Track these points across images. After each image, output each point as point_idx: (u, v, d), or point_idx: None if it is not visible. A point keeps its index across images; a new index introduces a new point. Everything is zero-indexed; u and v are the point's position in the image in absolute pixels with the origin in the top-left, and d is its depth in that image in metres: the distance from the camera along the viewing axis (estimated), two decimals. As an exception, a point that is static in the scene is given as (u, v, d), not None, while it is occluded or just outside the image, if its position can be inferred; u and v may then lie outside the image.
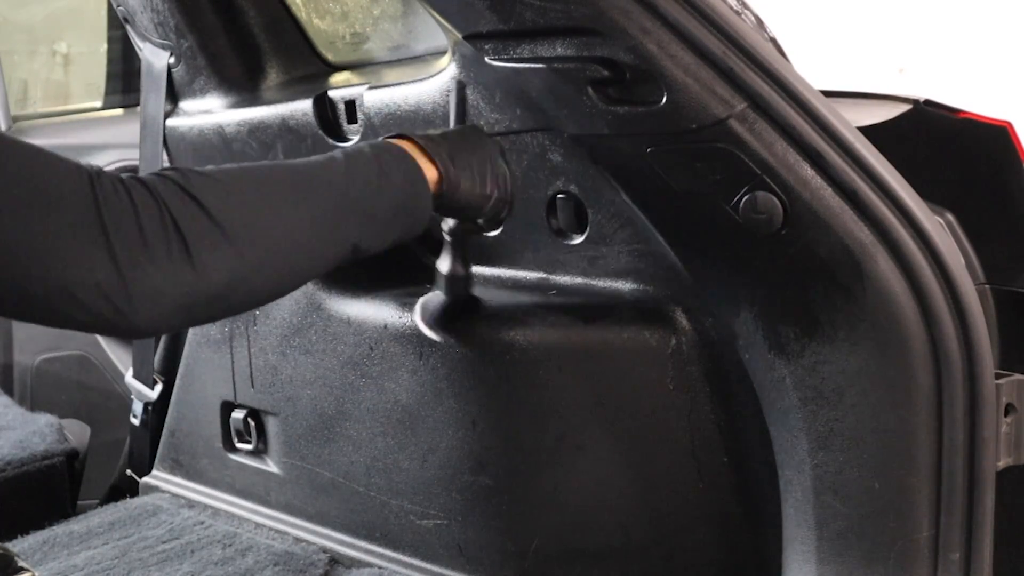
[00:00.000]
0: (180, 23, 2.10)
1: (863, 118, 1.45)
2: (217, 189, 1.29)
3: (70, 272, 1.18)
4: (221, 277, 1.26)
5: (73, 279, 1.18)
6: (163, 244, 1.22)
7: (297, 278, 1.39)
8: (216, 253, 1.25)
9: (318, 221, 1.35)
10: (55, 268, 1.18)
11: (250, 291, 1.32)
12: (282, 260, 1.33)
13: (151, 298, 1.22)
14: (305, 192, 1.35)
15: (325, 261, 1.39)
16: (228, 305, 1.33)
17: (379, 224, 1.41)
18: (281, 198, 1.34)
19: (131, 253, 1.20)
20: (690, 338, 1.58)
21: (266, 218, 1.31)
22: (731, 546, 1.62)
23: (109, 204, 1.20)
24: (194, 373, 2.20)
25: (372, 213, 1.39)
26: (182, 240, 1.23)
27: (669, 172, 1.40)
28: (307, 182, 1.36)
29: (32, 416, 2.63)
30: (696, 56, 1.30)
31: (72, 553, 2.04)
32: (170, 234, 1.22)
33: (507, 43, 1.44)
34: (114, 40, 3.65)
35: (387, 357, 1.81)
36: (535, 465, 1.70)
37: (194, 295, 1.25)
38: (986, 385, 1.33)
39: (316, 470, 1.98)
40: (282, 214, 1.32)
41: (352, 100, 1.91)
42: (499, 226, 1.68)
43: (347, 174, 1.38)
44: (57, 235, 1.18)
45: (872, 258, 1.31)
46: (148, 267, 1.21)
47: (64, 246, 1.18)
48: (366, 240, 1.39)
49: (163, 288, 1.22)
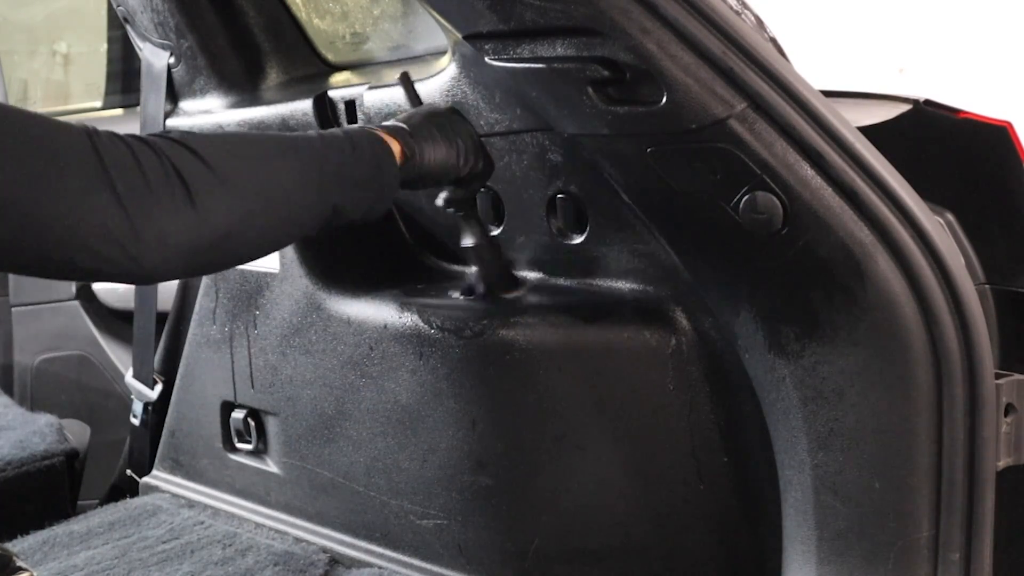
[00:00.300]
0: (180, 23, 2.10)
1: (863, 118, 1.45)
2: (212, 143, 1.38)
3: (78, 218, 1.22)
4: (221, 220, 1.32)
5: (82, 225, 1.22)
6: (166, 188, 1.27)
7: (289, 230, 1.47)
8: (216, 197, 1.32)
9: (304, 179, 1.44)
10: (63, 216, 1.21)
11: (247, 238, 1.39)
12: (274, 209, 1.41)
13: (159, 240, 1.27)
14: (291, 154, 1.45)
15: (311, 218, 1.47)
16: (228, 250, 1.39)
17: (355, 189, 1.50)
18: (272, 155, 1.43)
19: (137, 198, 1.25)
20: (690, 338, 1.58)
21: (259, 171, 1.40)
22: (731, 546, 1.62)
23: (109, 153, 1.25)
24: (194, 373, 2.20)
25: (348, 179, 1.49)
26: (183, 185, 1.28)
27: (669, 172, 1.40)
28: (291, 146, 1.47)
29: (32, 416, 2.63)
30: (696, 56, 1.30)
31: (72, 553, 2.04)
32: (172, 179, 1.28)
33: (507, 43, 1.44)
34: (114, 40, 3.65)
35: (387, 357, 1.81)
36: (535, 465, 1.71)
37: (198, 238, 1.30)
38: (986, 385, 1.33)
39: (316, 470, 1.98)
40: (273, 169, 1.41)
41: (352, 100, 1.91)
42: (483, 181, 1.71)
43: (324, 145, 1.48)
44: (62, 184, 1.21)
45: (872, 258, 1.31)
46: (154, 209, 1.26)
47: (70, 194, 1.22)
48: (344, 203, 1.48)
49: (169, 230, 1.27)
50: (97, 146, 1.25)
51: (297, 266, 1.94)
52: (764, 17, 1.45)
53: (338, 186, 1.48)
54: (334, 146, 1.49)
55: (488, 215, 1.79)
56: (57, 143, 1.24)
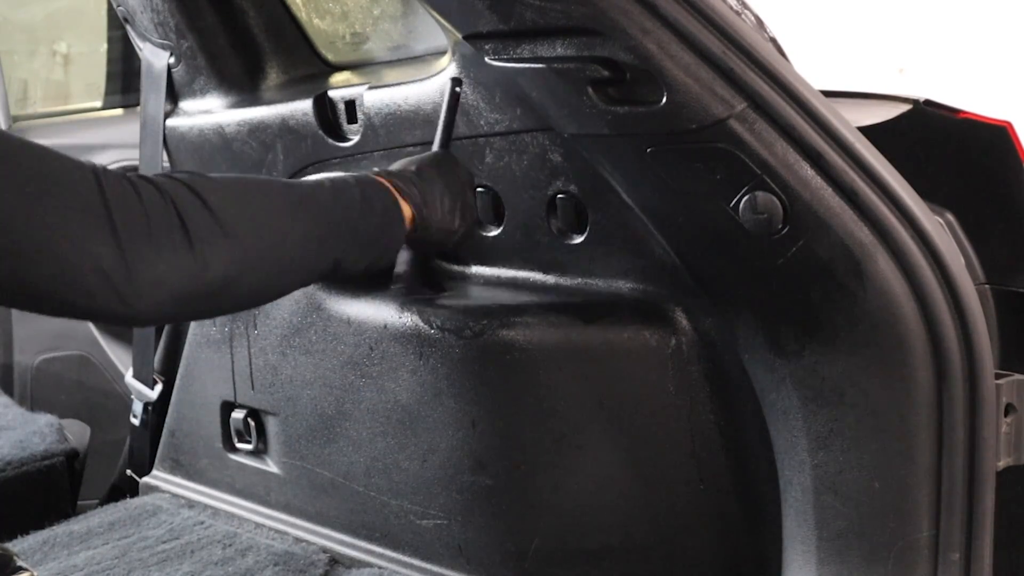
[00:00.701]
0: (180, 23, 2.10)
1: (863, 118, 1.45)
2: (220, 189, 1.35)
3: (76, 257, 1.21)
4: (219, 270, 1.31)
5: (78, 264, 1.22)
6: (166, 233, 1.26)
7: (286, 283, 1.47)
8: (216, 247, 1.30)
9: (308, 233, 1.44)
10: (62, 253, 1.21)
11: (242, 290, 1.38)
12: (274, 263, 1.41)
13: (152, 286, 1.25)
14: (298, 205, 1.44)
15: (310, 272, 1.48)
16: (222, 300, 1.38)
17: (359, 245, 1.51)
18: (277, 206, 1.42)
19: (135, 241, 1.24)
20: (690, 338, 1.58)
21: (263, 222, 1.38)
22: (731, 546, 1.62)
23: (114, 193, 1.25)
24: (194, 373, 2.20)
25: (353, 235, 1.49)
26: (184, 231, 1.27)
27: (669, 172, 1.40)
28: (300, 197, 1.45)
29: (32, 416, 2.63)
30: (696, 56, 1.30)
31: (72, 553, 2.04)
32: (173, 224, 1.27)
33: (507, 43, 1.44)
34: (114, 40, 3.65)
35: (387, 357, 1.81)
36: (535, 465, 1.70)
37: (193, 286, 1.29)
38: (986, 385, 1.33)
39: (316, 470, 1.98)
40: (277, 221, 1.40)
41: (352, 100, 1.91)
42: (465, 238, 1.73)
43: (334, 197, 1.47)
44: (64, 221, 1.21)
45: (872, 258, 1.31)
46: (151, 255, 1.25)
47: (71, 232, 1.21)
48: (346, 258, 1.49)
49: (165, 277, 1.26)
50: (103, 187, 1.25)
51: (297, 266, 1.93)
52: (764, 17, 1.45)
53: (343, 241, 1.47)
54: (343, 200, 1.48)
55: (488, 215, 1.79)
56: (65, 181, 1.23)
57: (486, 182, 1.75)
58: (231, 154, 2.13)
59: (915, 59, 4.72)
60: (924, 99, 1.49)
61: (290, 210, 1.43)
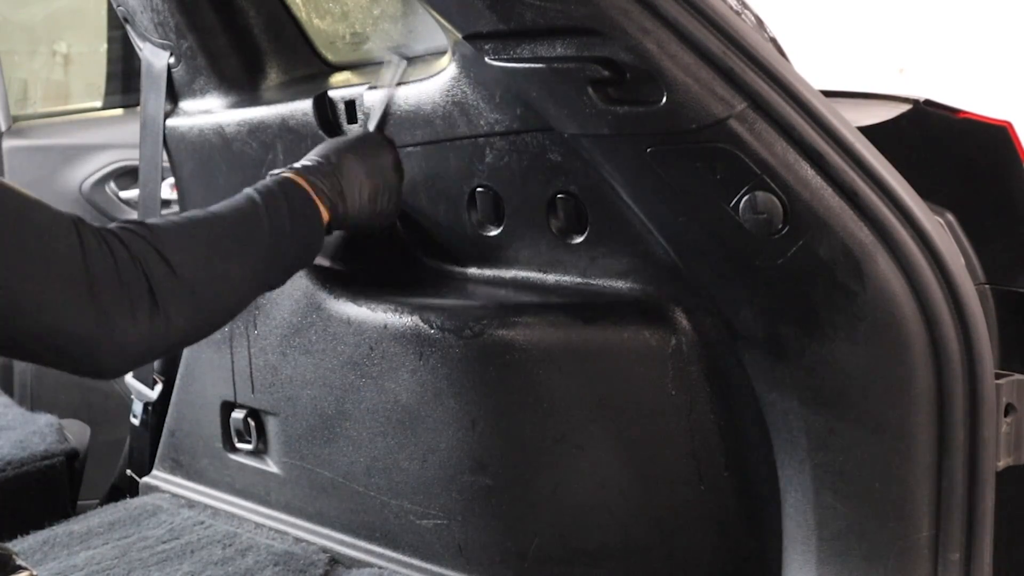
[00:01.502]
0: (180, 23, 2.10)
1: (863, 118, 1.45)
2: (178, 243, 1.45)
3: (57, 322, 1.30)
4: (182, 326, 1.42)
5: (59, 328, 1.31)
6: (138, 300, 1.36)
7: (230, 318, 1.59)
8: (180, 306, 1.41)
9: (251, 272, 1.55)
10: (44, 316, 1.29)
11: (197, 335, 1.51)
12: (224, 308, 1.53)
13: (122, 348, 1.36)
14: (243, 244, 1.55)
15: (248, 302, 1.61)
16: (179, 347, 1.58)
17: (288, 267, 1.63)
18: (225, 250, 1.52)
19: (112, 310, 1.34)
20: (690, 338, 1.58)
21: (216, 271, 1.50)
22: (731, 546, 1.62)
23: (94, 258, 1.33)
24: (194, 373, 2.20)
25: (284, 257, 1.60)
26: (152, 295, 1.37)
27: (669, 172, 1.40)
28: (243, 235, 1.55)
29: (32, 416, 2.63)
30: (696, 56, 1.30)
31: (72, 553, 2.04)
32: (143, 289, 1.37)
33: (507, 43, 1.44)
34: (114, 40, 3.65)
35: (387, 357, 1.81)
36: (535, 465, 1.70)
37: (158, 344, 1.41)
38: (986, 385, 1.33)
39: (316, 470, 1.98)
40: (226, 264, 1.51)
41: (352, 100, 1.91)
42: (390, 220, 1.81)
43: (270, 224, 1.57)
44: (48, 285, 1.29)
45: (872, 258, 1.31)
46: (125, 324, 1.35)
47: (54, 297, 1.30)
48: (277, 281, 1.63)
49: (134, 340, 1.36)
50: (85, 248, 1.32)
51: (297, 266, 1.94)
52: (764, 17, 1.45)
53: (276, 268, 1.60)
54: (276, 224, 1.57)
55: (488, 215, 1.79)
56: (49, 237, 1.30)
57: (486, 182, 1.75)
58: (231, 154, 2.13)
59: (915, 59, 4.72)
60: (924, 99, 1.49)
61: (237, 251, 1.53)
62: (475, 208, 1.81)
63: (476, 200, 1.79)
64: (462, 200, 1.82)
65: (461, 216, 1.84)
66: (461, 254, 1.89)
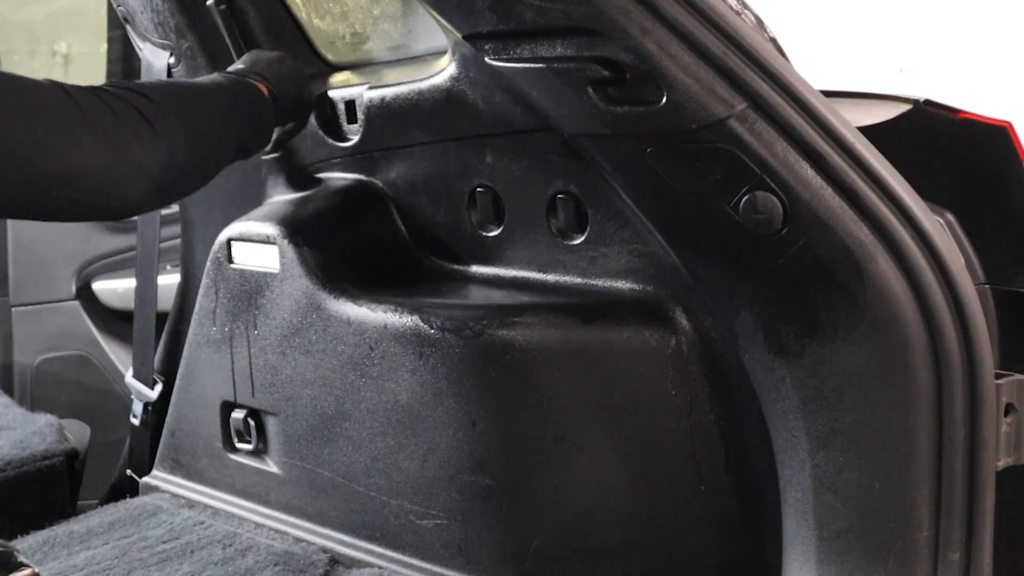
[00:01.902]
0: (180, 23, 2.10)
1: (863, 118, 1.45)
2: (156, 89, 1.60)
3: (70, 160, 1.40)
4: (180, 150, 1.54)
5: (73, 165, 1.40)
6: (134, 126, 1.46)
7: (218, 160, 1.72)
8: (173, 131, 1.53)
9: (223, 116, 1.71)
10: (57, 159, 1.39)
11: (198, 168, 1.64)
12: (210, 140, 1.66)
13: (137, 170, 1.47)
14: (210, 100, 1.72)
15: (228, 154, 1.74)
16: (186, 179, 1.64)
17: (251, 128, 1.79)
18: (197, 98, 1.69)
19: (113, 136, 1.44)
20: (690, 338, 1.58)
21: (195, 110, 1.64)
22: (731, 546, 1.62)
23: (84, 101, 1.44)
24: (194, 373, 2.20)
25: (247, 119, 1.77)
26: (148, 123, 1.49)
27: (669, 172, 1.40)
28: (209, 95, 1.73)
29: (32, 416, 2.63)
30: (696, 56, 1.30)
31: (72, 553, 2.04)
32: (137, 119, 1.48)
33: (507, 43, 1.44)
34: (114, 40, 3.65)
35: (387, 357, 1.81)
36: (535, 465, 1.70)
37: (167, 168, 1.51)
38: (986, 385, 1.33)
39: (316, 470, 1.98)
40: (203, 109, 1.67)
41: (352, 100, 1.91)
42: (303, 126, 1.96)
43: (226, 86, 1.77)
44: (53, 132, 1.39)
45: (872, 258, 1.31)
46: (128, 145, 1.46)
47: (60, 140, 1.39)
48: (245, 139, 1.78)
49: (143, 161, 1.47)
50: (73, 96, 1.43)
51: (297, 266, 1.93)
52: (764, 17, 1.45)
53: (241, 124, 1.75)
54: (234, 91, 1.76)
55: (488, 215, 1.79)
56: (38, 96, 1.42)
57: (486, 182, 1.75)
58: (231, 154, 2.12)
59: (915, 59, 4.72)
60: (924, 99, 1.49)
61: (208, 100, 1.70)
62: (475, 208, 1.81)
63: (476, 200, 1.79)
64: (462, 200, 1.82)
65: (461, 216, 1.84)
66: (461, 254, 1.89)
